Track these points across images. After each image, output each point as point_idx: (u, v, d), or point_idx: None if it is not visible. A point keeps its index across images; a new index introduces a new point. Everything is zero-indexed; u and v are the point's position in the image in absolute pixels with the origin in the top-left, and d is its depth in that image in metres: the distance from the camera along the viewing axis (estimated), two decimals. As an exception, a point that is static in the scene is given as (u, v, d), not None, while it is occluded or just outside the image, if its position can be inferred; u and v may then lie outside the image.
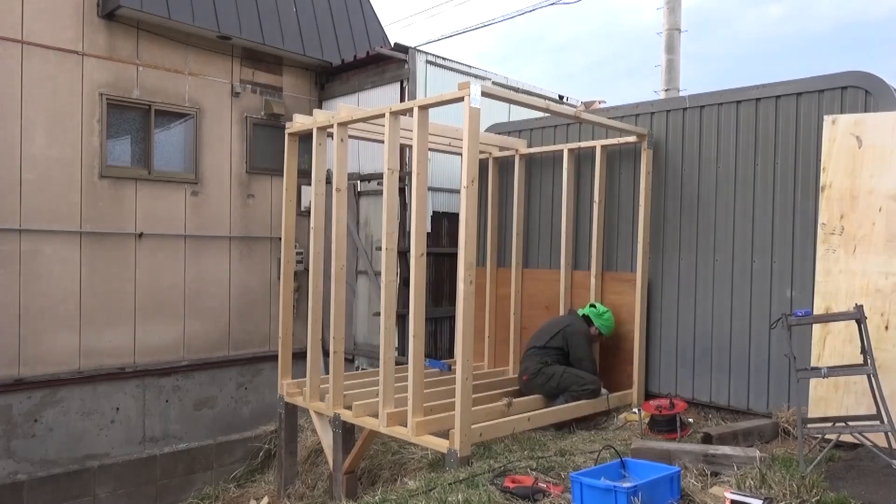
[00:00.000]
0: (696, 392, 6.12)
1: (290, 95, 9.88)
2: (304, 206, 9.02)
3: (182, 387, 8.82)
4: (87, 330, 8.04)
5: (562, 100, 10.25)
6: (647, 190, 6.38)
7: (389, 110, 5.47)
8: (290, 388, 6.73)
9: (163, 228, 8.65)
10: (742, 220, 5.87)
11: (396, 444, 6.31)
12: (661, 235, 6.41)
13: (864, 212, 4.86)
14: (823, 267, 4.98)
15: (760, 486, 3.83)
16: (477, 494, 3.95)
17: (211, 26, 8.64)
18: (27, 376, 7.62)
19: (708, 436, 4.98)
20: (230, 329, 9.28)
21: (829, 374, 4.25)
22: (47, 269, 7.77)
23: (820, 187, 5.07)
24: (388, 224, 5.50)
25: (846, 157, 4.97)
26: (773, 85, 5.71)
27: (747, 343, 5.80)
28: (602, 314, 6.50)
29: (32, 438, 7.65)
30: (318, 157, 6.32)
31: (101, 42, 8.15)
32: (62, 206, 7.87)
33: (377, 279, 8.63)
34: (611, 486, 3.51)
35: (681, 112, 6.31)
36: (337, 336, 6.03)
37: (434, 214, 8.76)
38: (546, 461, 4.68)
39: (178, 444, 8.58)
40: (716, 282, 6.03)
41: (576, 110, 7.35)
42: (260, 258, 9.56)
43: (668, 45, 11.39)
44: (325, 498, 6.48)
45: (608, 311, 6.54)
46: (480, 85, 4.92)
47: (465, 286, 4.87)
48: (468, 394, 4.88)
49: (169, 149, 8.85)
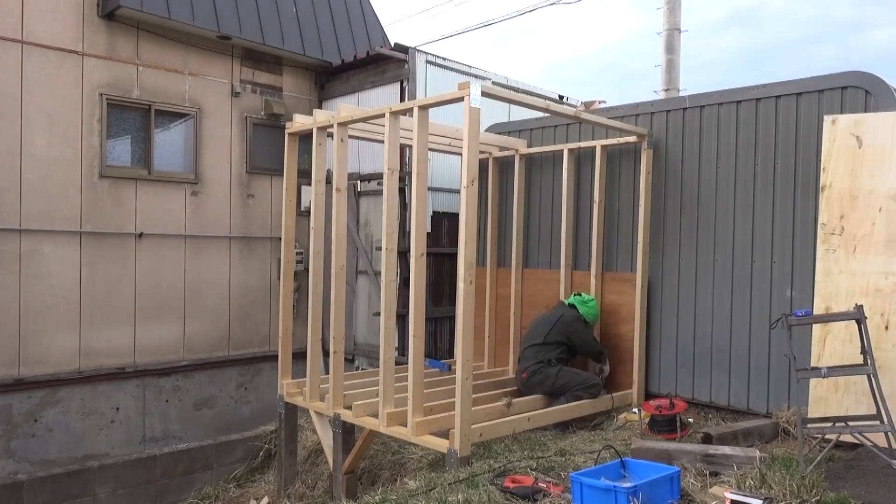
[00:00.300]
0: (696, 392, 6.12)
1: (290, 95, 9.88)
2: (304, 206, 9.02)
3: (182, 387, 8.82)
4: (87, 330, 8.04)
5: (562, 100, 10.26)
6: (646, 190, 6.38)
7: (389, 110, 5.47)
8: (290, 388, 6.73)
9: (163, 228, 8.65)
10: (742, 219, 5.87)
11: (396, 444, 6.31)
12: (661, 235, 6.41)
13: (863, 212, 4.86)
14: (823, 267, 4.98)
15: (760, 486, 3.83)
16: (477, 494, 3.95)
17: (211, 26, 8.65)
18: (27, 376, 7.62)
19: (708, 436, 4.98)
20: (230, 329, 9.28)
21: (829, 374, 4.25)
22: (47, 269, 7.77)
23: (820, 187, 5.07)
24: (388, 224, 5.50)
25: (846, 157, 4.97)
26: (773, 85, 5.71)
27: (747, 343, 5.80)
28: (587, 302, 6.52)
29: (32, 438, 7.65)
30: (318, 157, 6.32)
31: (101, 42, 8.15)
32: (62, 206, 7.87)
33: (377, 279, 8.64)
34: (611, 486, 3.51)
35: (681, 112, 6.31)
36: (337, 336, 6.03)
37: (434, 214, 8.76)
38: (546, 461, 4.68)
39: (178, 444, 8.57)
40: (716, 282, 6.03)
41: (576, 110, 7.35)
42: (260, 258, 9.56)
43: (668, 45, 11.38)
44: (325, 498, 6.48)
45: (593, 300, 6.58)
46: (480, 85, 4.92)
47: (465, 286, 4.87)
48: (468, 394, 4.88)
49: (169, 149, 8.85)
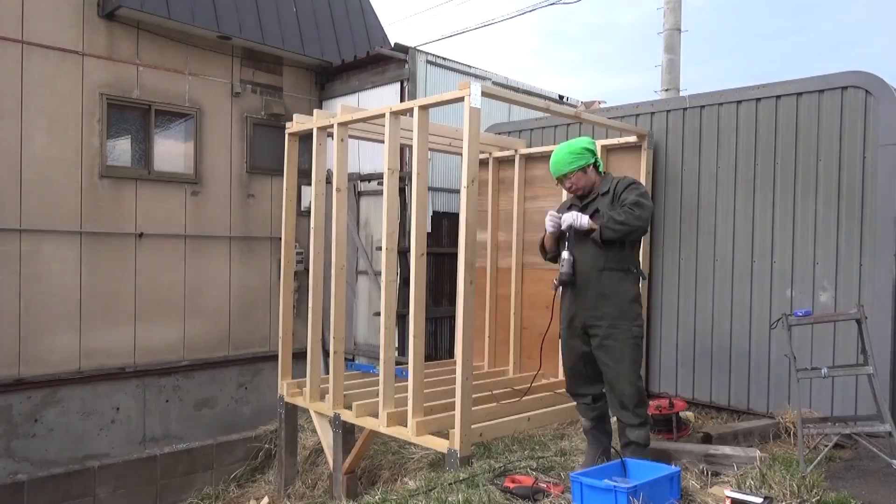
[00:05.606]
0: (697, 392, 6.12)
1: (290, 95, 9.88)
2: (304, 206, 9.02)
3: (182, 387, 8.82)
4: (88, 330, 8.04)
5: (562, 100, 10.26)
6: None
7: (390, 110, 5.47)
8: (290, 388, 6.73)
9: (163, 228, 8.65)
10: (742, 219, 5.87)
11: (396, 444, 6.31)
12: (660, 235, 6.41)
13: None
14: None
15: (761, 486, 3.83)
16: (477, 494, 3.95)
17: (211, 26, 8.64)
18: (27, 376, 7.62)
19: (708, 436, 4.98)
20: (230, 329, 9.28)
21: (829, 375, 4.25)
22: (47, 269, 7.77)
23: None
24: (388, 224, 5.50)
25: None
26: (773, 85, 5.71)
27: (747, 343, 5.80)
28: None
29: (33, 438, 7.65)
30: (319, 157, 6.32)
31: (101, 42, 8.15)
32: (62, 206, 7.87)
33: (377, 279, 8.64)
34: (611, 486, 3.51)
35: (681, 112, 6.31)
36: (337, 336, 6.03)
37: (434, 214, 8.76)
38: (546, 461, 4.69)
39: (178, 444, 8.58)
40: (716, 281, 6.02)
41: (576, 110, 7.36)
42: (260, 258, 9.56)
43: (668, 45, 11.37)
44: (325, 498, 6.49)
45: None
46: (480, 85, 4.92)
47: (465, 286, 4.87)
48: (468, 394, 4.87)
49: (169, 149, 8.85)
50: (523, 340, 7.23)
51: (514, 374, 7.12)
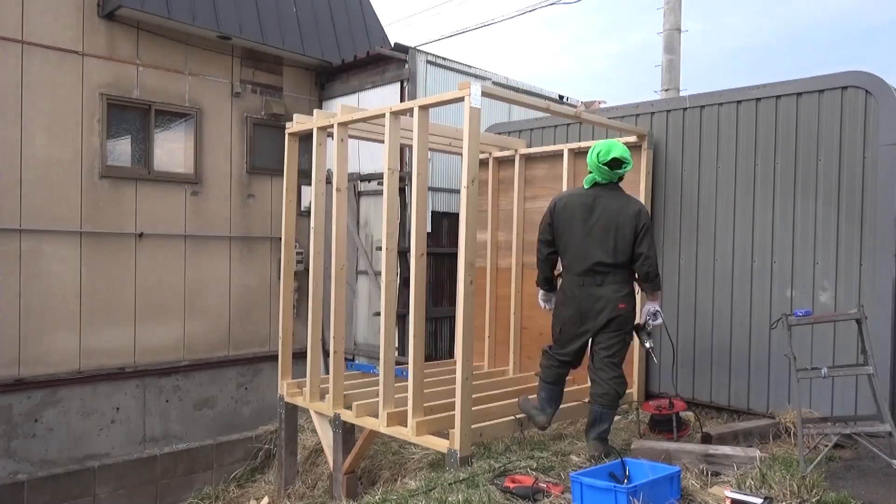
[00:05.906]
0: (697, 392, 6.12)
1: (290, 95, 9.88)
2: (304, 206, 9.02)
3: (182, 387, 8.82)
4: (88, 330, 8.04)
5: (562, 100, 10.26)
6: (646, 190, 6.38)
7: (390, 110, 5.47)
8: (290, 388, 6.73)
9: (163, 228, 8.65)
10: (742, 219, 5.87)
11: (396, 444, 6.32)
12: (660, 235, 6.40)
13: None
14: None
15: (761, 486, 3.83)
16: (477, 494, 3.95)
17: (211, 26, 8.65)
18: (27, 376, 7.62)
19: (708, 436, 4.98)
20: (230, 329, 9.28)
21: (829, 374, 4.25)
22: (47, 269, 7.77)
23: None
24: (388, 224, 5.50)
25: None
26: (773, 85, 5.71)
27: (747, 343, 5.80)
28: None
29: (33, 438, 7.65)
30: (319, 157, 6.32)
31: (101, 42, 8.15)
32: (62, 206, 7.87)
33: (377, 279, 8.64)
34: (611, 486, 3.51)
35: (681, 112, 6.31)
36: (337, 336, 6.03)
37: (434, 214, 8.76)
38: (546, 461, 4.69)
39: (178, 444, 8.58)
40: (716, 281, 6.02)
41: (576, 110, 7.36)
42: (260, 258, 9.56)
43: (667, 45, 11.37)
44: (325, 498, 6.49)
45: None
46: (481, 85, 4.92)
47: (465, 286, 4.87)
48: (468, 394, 4.87)
49: (169, 149, 8.85)
50: (523, 340, 7.22)
51: (514, 374, 7.12)
